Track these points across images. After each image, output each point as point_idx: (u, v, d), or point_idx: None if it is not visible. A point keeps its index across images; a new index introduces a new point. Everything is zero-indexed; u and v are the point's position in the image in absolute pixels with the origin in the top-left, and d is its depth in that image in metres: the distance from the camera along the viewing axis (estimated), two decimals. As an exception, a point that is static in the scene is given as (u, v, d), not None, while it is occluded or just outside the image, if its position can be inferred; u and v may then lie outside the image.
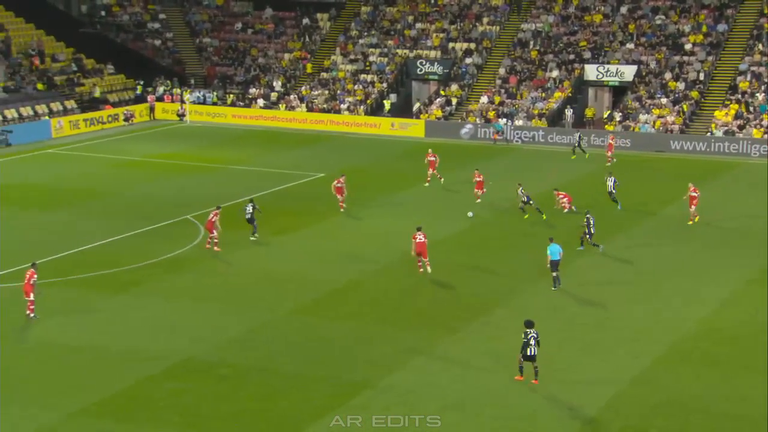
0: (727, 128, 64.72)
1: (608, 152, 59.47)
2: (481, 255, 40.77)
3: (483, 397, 27.24)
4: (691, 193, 44.96)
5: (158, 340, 31.56)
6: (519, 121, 68.84)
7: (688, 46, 72.31)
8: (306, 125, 72.97)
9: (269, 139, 68.87)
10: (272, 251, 41.51)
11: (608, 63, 72.56)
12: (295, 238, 43.43)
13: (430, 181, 53.07)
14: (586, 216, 40.67)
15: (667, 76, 70.54)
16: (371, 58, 78.79)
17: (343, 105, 74.39)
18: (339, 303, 35.14)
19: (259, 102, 76.66)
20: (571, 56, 74.04)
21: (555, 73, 73.22)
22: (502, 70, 75.01)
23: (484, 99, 72.29)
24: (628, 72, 71.66)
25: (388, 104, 74.48)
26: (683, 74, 70.42)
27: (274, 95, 77.32)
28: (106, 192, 52.34)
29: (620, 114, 68.52)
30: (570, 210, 46.14)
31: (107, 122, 72.93)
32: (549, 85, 72.56)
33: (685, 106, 67.44)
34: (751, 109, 66.18)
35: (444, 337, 31.65)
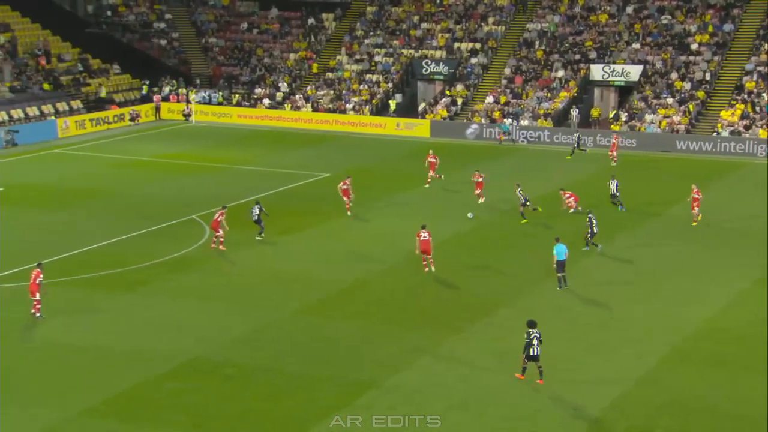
0: (733, 128, 64.62)
1: (611, 152, 59.42)
2: (486, 255, 40.75)
3: (487, 397, 27.24)
4: (694, 195, 44.89)
5: (163, 339, 31.59)
6: (524, 121, 68.79)
7: (694, 46, 72.20)
8: (311, 125, 73.01)
9: (275, 139, 68.90)
10: (278, 251, 41.53)
11: (614, 63, 72.50)
12: (301, 237, 43.46)
13: (430, 182, 53.03)
14: (589, 216, 40.64)
15: (673, 76, 70.44)
16: (377, 58, 78.79)
17: (348, 105, 74.39)
18: (345, 303, 35.15)
19: (265, 102, 76.71)
20: (577, 56, 73.97)
21: (561, 73, 73.17)
22: (508, 70, 74.96)
23: (490, 99, 72.26)
24: (634, 72, 71.57)
25: (393, 104, 74.46)
26: (689, 74, 70.33)
27: (279, 95, 77.38)
28: (111, 192, 52.39)
29: (626, 114, 68.41)
30: (576, 210, 45.99)
31: (113, 122, 73.04)
32: (555, 85, 72.49)
33: (691, 106, 67.35)
34: (758, 109, 66.05)
35: (449, 337, 31.67)
